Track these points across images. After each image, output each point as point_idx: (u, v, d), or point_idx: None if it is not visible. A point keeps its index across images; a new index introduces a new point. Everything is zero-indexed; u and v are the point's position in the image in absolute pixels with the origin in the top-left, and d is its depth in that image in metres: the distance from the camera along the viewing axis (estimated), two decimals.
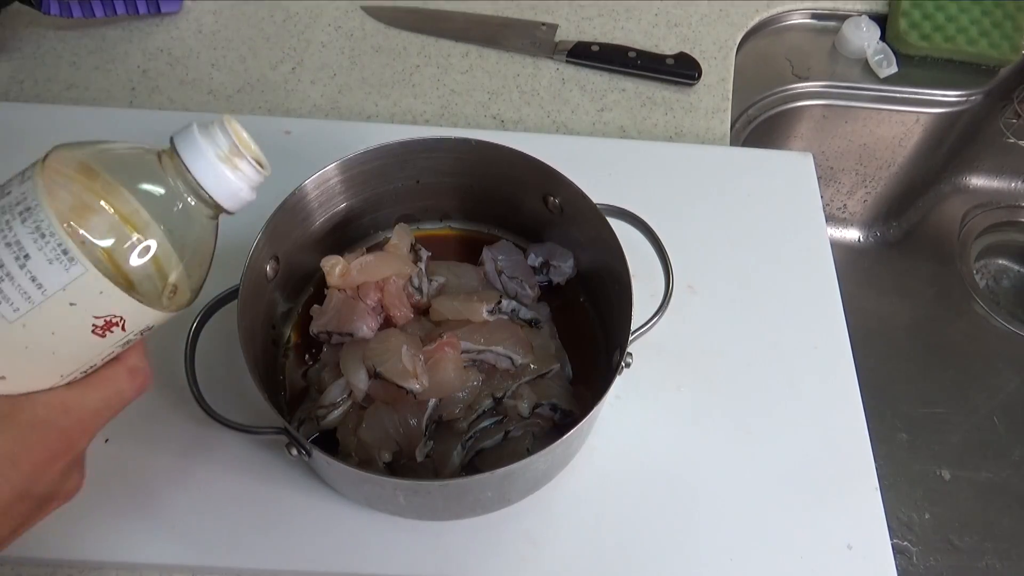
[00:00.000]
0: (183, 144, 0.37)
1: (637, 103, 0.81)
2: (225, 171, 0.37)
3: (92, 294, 0.34)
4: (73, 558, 0.53)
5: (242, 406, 0.57)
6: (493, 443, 0.54)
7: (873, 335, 0.95)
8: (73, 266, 0.33)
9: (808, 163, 0.75)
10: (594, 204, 0.55)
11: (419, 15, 0.86)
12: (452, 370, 0.52)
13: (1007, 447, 0.88)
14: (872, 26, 0.89)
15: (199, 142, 0.37)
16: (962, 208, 1.03)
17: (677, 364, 0.63)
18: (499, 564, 0.54)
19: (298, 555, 0.53)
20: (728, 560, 0.55)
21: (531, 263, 0.61)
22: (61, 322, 0.34)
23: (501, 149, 0.57)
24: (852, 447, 0.60)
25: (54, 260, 0.33)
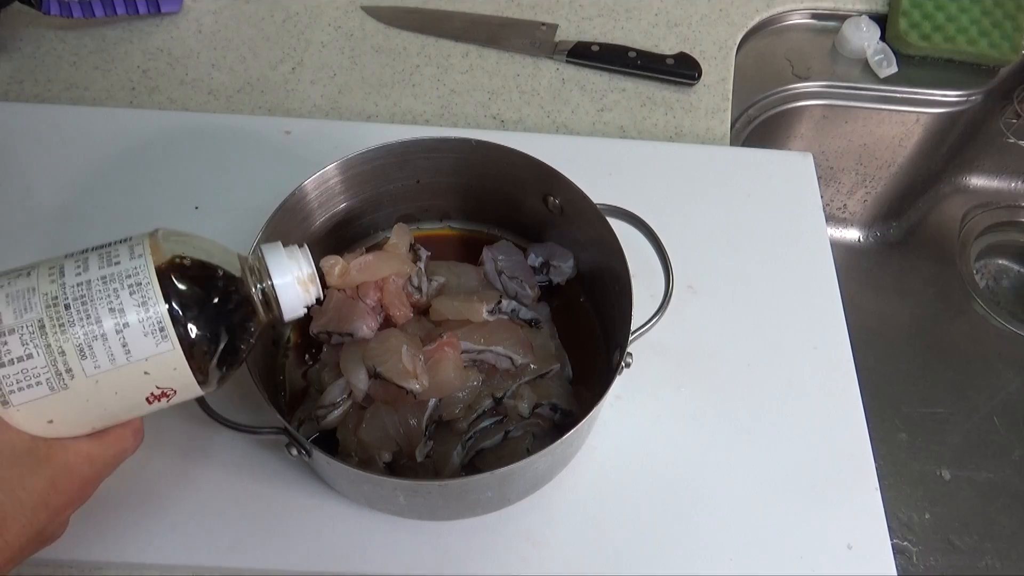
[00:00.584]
0: (272, 259, 0.43)
1: (637, 103, 0.81)
2: (300, 291, 0.43)
3: (167, 368, 0.38)
4: (73, 558, 0.53)
5: (242, 406, 0.57)
6: (493, 443, 0.54)
7: (873, 335, 0.95)
8: (163, 342, 0.38)
9: (808, 163, 0.75)
10: (594, 204, 0.55)
11: (419, 15, 0.86)
12: (452, 370, 0.52)
13: (1007, 447, 0.88)
14: (872, 26, 0.89)
15: (287, 262, 0.43)
16: (962, 208, 1.03)
17: (677, 364, 0.63)
18: (499, 564, 0.54)
19: (298, 555, 0.53)
20: (728, 560, 0.55)
21: (531, 263, 0.61)
22: (129, 386, 0.38)
23: (501, 149, 0.57)
24: (852, 447, 0.60)
25: (150, 333, 0.37)
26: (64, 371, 0.36)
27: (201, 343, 0.39)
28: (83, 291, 0.37)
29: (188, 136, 0.73)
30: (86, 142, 0.71)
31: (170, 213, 0.68)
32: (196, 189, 0.69)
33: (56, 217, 0.68)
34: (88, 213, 0.68)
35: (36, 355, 0.36)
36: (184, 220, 0.67)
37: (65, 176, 0.70)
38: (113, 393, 0.38)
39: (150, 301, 0.37)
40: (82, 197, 0.69)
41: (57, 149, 0.71)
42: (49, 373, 0.36)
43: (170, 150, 0.72)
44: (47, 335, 0.36)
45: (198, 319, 0.38)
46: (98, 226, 0.67)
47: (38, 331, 0.36)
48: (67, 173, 0.70)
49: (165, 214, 0.68)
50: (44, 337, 0.36)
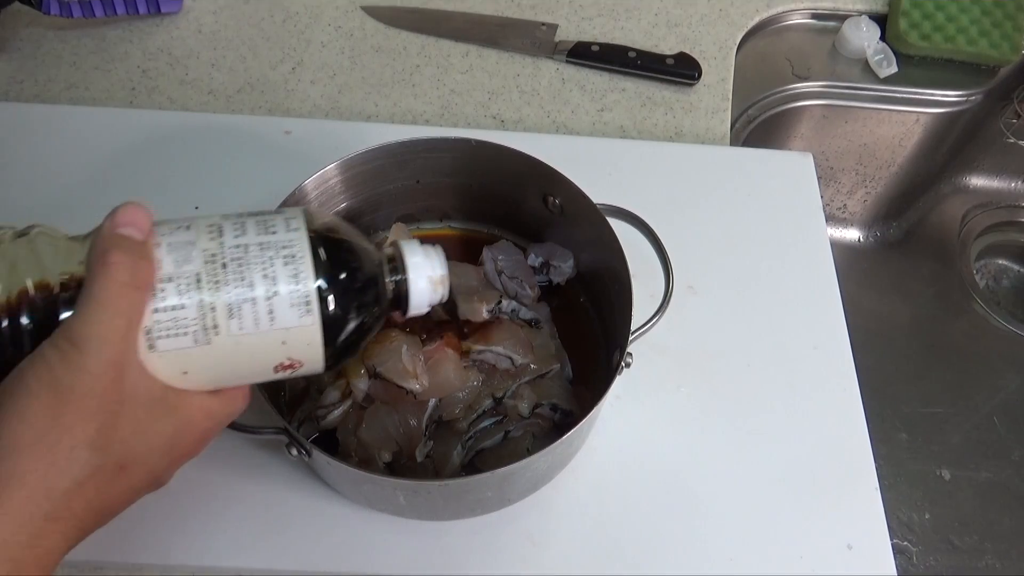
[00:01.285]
0: (410, 254, 0.44)
1: (637, 103, 0.81)
2: (429, 289, 0.44)
3: (302, 342, 0.39)
4: (73, 558, 0.53)
5: None
6: (493, 443, 0.54)
7: (873, 335, 0.95)
8: (307, 316, 0.38)
9: (808, 163, 0.75)
10: (594, 204, 0.55)
11: (419, 15, 0.86)
12: (452, 370, 0.52)
13: (1007, 447, 0.88)
14: (872, 26, 0.89)
15: (423, 260, 0.43)
16: (962, 208, 1.03)
17: (677, 364, 0.63)
18: (499, 564, 0.54)
19: (298, 555, 0.53)
20: (728, 560, 0.55)
21: (531, 263, 0.61)
22: (263, 352, 0.39)
23: (501, 149, 0.57)
24: (852, 447, 0.60)
25: (296, 306, 0.38)
26: (211, 327, 0.37)
27: (337, 323, 0.39)
28: (240, 253, 0.38)
29: (188, 136, 0.73)
30: (86, 142, 0.71)
31: (170, 213, 0.68)
32: (196, 189, 0.69)
33: (56, 217, 0.67)
34: (89, 213, 0.68)
35: (188, 307, 0.37)
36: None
37: (65, 176, 0.70)
38: (248, 356, 0.39)
39: (302, 275, 0.38)
40: (82, 197, 0.69)
41: (57, 149, 0.71)
42: (197, 326, 0.37)
43: (170, 150, 0.72)
44: (202, 290, 0.37)
45: (339, 299, 0.39)
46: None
47: (194, 284, 0.37)
48: (67, 173, 0.70)
49: (165, 214, 0.67)
50: (199, 291, 0.37)
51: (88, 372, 0.34)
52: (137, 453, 0.38)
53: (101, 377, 0.35)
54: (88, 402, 0.35)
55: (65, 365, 0.34)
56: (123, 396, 0.36)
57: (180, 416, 0.39)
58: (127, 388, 0.36)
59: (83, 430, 0.35)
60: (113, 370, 0.35)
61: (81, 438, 0.35)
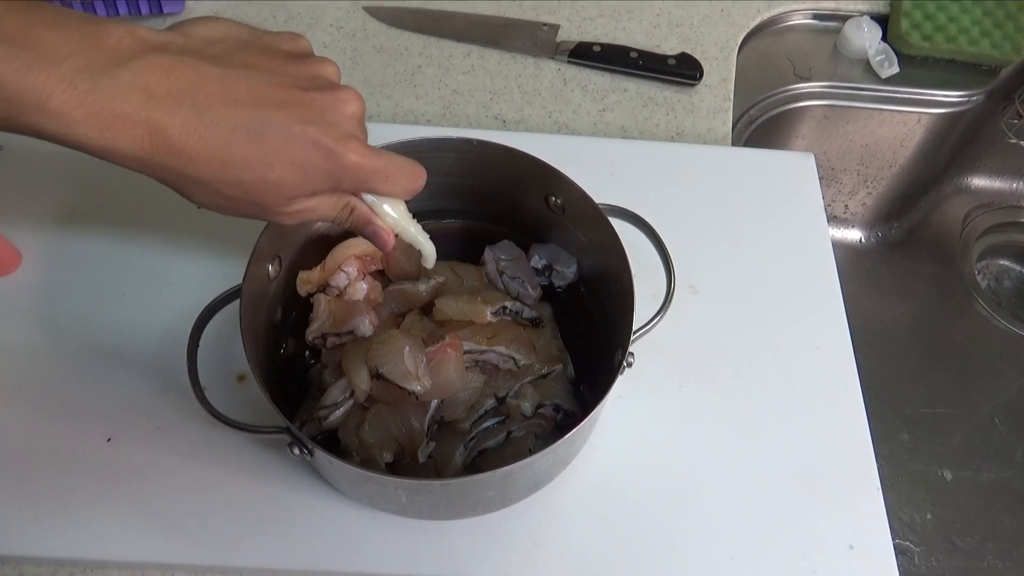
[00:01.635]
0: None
1: (639, 103, 0.82)
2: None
3: None
4: (75, 557, 0.53)
5: (244, 406, 0.57)
6: (495, 443, 0.54)
7: (875, 336, 0.95)
8: None
9: (810, 163, 0.75)
10: (596, 204, 0.55)
11: (421, 15, 0.86)
12: (454, 371, 0.53)
13: (1009, 447, 0.88)
14: (873, 26, 0.89)
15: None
16: (964, 208, 1.03)
17: (679, 364, 0.63)
18: (501, 564, 0.54)
19: (300, 554, 0.53)
20: (730, 559, 0.55)
21: (534, 264, 0.61)
22: None
23: (503, 149, 0.57)
24: (854, 447, 0.60)
25: None
26: None
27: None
28: None
29: None
30: None
31: (172, 213, 0.68)
32: None
33: (57, 217, 0.68)
34: (90, 213, 0.68)
35: None
36: (186, 220, 0.67)
37: (66, 176, 0.70)
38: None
39: None
40: (84, 197, 0.69)
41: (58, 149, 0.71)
42: None
43: None
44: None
45: None
46: (101, 226, 0.67)
47: None
48: (68, 173, 0.70)
49: (167, 213, 0.68)
50: None
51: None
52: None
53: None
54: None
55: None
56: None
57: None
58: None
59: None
60: None
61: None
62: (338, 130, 0.38)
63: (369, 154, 0.40)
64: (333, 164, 0.38)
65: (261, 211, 0.40)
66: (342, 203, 0.42)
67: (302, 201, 0.40)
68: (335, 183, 0.40)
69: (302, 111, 0.37)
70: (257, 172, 0.37)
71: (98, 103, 0.33)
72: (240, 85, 0.36)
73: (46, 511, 0.54)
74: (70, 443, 0.56)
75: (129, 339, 0.61)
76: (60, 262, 0.65)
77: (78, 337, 0.61)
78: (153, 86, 0.34)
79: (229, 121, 0.36)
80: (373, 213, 0.44)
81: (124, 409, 0.58)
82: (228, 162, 0.36)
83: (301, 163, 0.37)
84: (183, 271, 0.65)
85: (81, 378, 0.59)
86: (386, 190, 0.43)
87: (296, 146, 0.37)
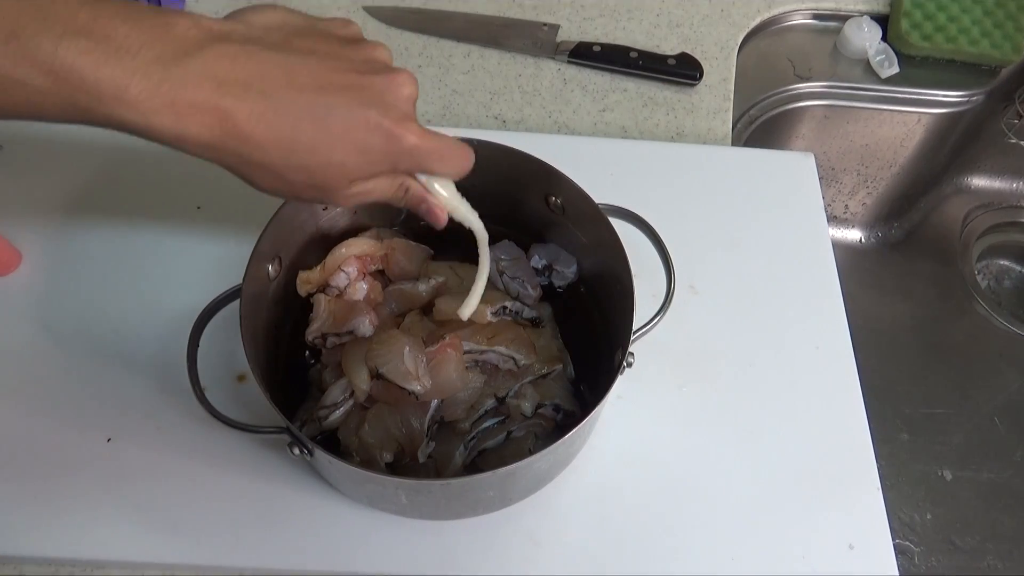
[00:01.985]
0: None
1: (639, 103, 0.82)
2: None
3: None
4: (75, 557, 0.53)
5: (244, 406, 0.57)
6: (495, 443, 0.54)
7: (875, 336, 0.95)
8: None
9: (810, 163, 0.75)
10: (596, 204, 0.55)
11: (421, 15, 0.86)
12: (454, 371, 0.53)
13: (1009, 447, 0.88)
14: (873, 26, 0.89)
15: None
16: (964, 208, 1.03)
17: (679, 364, 0.63)
18: (501, 563, 0.54)
19: (300, 554, 0.53)
20: (730, 559, 0.55)
21: (534, 264, 0.61)
22: None
23: (503, 149, 0.57)
24: (854, 447, 0.60)
25: None
26: None
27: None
28: None
29: None
30: (88, 142, 0.71)
31: (172, 213, 0.68)
32: (198, 189, 0.69)
33: (58, 217, 0.68)
34: (90, 213, 0.68)
35: None
36: (186, 220, 0.67)
37: (67, 176, 0.70)
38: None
39: None
40: (84, 197, 0.69)
41: (58, 149, 0.71)
42: None
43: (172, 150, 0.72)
44: None
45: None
46: (101, 226, 0.67)
47: None
48: (69, 173, 0.70)
49: (168, 214, 0.68)
50: None
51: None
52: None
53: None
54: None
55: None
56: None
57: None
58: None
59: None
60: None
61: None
62: (397, 112, 0.39)
63: (426, 135, 0.41)
64: (393, 146, 0.39)
65: (323, 194, 0.40)
66: (397, 183, 0.43)
67: (362, 183, 0.40)
68: (393, 164, 0.41)
69: (362, 94, 0.38)
70: (322, 155, 0.38)
71: (172, 92, 0.34)
72: (302, 71, 0.37)
73: (46, 511, 0.54)
74: (70, 443, 0.56)
75: (129, 339, 0.61)
76: (60, 262, 0.65)
77: (78, 337, 0.61)
78: (221, 75, 0.35)
79: (294, 106, 0.36)
80: (426, 191, 0.45)
81: (124, 409, 0.58)
82: (294, 146, 0.37)
83: (363, 145, 0.38)
84: (183, 271, 0.65)
85: (81, 378, 0.59)
86: (440, 170, 0.43)
87: (358, 129, 0.38)
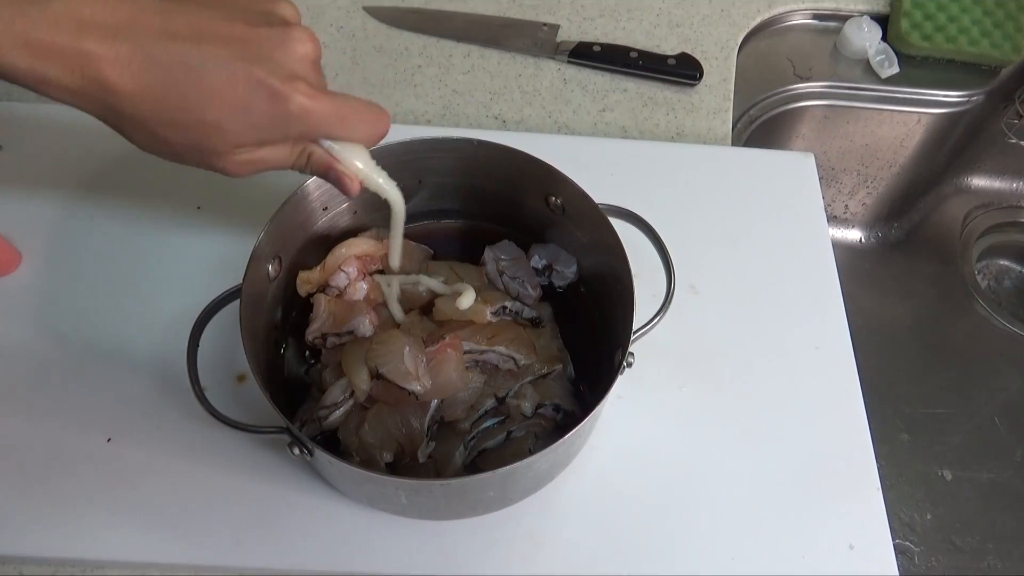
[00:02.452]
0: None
1: (639, 103, 0.81)
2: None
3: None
4: (75, 557, 0.53)
5: (244, 406, 0.57)
6: (495, 443, 0.54)
7: (875, 335, 0.95)
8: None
9: (810, 163, 0.75)
10: (596, 204, 0.55)
11: (421, 15, 0.86)
12: (454, 371, 0.53)
13: (1009, 447, 0.88)
14: (873, 26, 0.89)
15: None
16: (964, 208, 1.03)
17: (679, 364, 0.63)
18: (501, 563, 0.54)
19: (299, 554, 0.53)
20: (730, 559, 0.55)
21: (534, 264, 0.61)
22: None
23: (503, 149, 0.57)
24: (854, 447, 0.60)
25: None
26: None
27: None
28: None
29: None
30: (88, 142, 0.71)
31: (172, 213, 0.68)
32: (198, 189, 0.69)
33: (58, 217, 0.68)
34: (90, 213, 0.68)
35: None
36: (186, 220, 0.67)
37: (67, 176, 0.70)
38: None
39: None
40: (84, 197, 0.69)
41: (58, 149, 0.71)
42: None
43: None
44: None
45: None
46: (101, 226, 0.67)
47: None
48: (69, 173, 0.70)
49: (168, 214, 0.68)
50: None
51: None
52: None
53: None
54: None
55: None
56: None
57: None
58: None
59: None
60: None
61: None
62: (284, 70, 0.35)
63: (320, 96, 0.36)
64: (278, 107, 0.35)
65: (205, 158, 0.37)
66: (297, 150, 0.39)
67: (250, 151, 0.37)
68: (284, 131, 0.37)
69: (247, 47, 0.35)
70: (194, 113, 0.35)
71: (26, 32, 0.32)
72: (180, 18, 0.34)
73: (46, 511, 0.54)
74: (70, 443, 0.56)
75: (129, 339, 0.61)
76: (60, 262, 0.65)
77: (78, 337, 0.61)
78: (87, 17, 0.33)
79: (165, 55, 0.33)
80: (333, 158, 0.41)
81: (124, 409, 0.58)
82: (164, 101, 0.34)
83: (242, 105, 0.35)
84: (183, 271, 0.65)
85: (81, 378, 0.59)
86: (343, 135, 0.39)
87: (237, 85, 0.34)
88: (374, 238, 0.60)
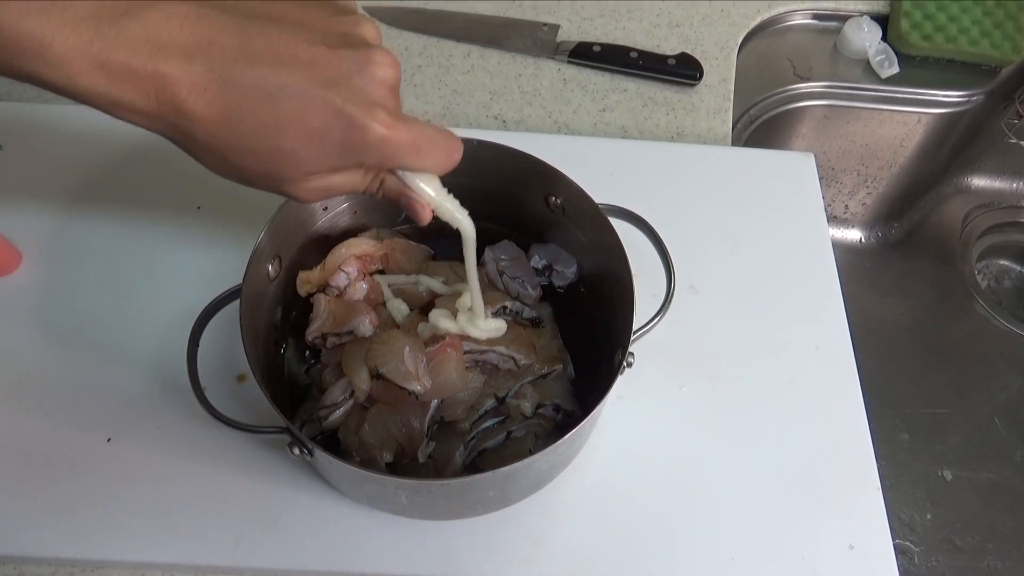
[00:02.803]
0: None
1: (639, 103, 0.81)
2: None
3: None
4: (75, 557, 0.53)
5: (244, 406, 0.57)
6: (495, 443, 0.54)
7: (875, 335, 0.95)
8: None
9: (810, 163, 0.75)
10: (596, 204, 0.55)
11: (421, 15, 0.86)
12: (454, 371, 0.52)
13: (1009, 447, 0.88)
14: (873, 26, 0.89)
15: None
16: (964, 208, 1.03)
17: (679, 364, 0.63)
18: (500, 564, 0.54)
19: (300, 554, 0.53)
20: (730, 560, 0.55)
21: (534, 264, 0.61)
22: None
23: (503, 149, 0.57)
24: (854, 447, 0.60)
25: None
26: None
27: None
28: None
29: None
30: (88, 142, 0.71)
31: (173, 213, 0.68)
32: (198, 189, 0.69)
33: (58, 217, 0.68)
34: (91, 213, 0.68)
35: None
36: (186, 220, 0.67)
37: (67, 176, 0.70)
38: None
39: None
40: (84, 197, 0.69)
41: (58, 149, 0.71)
42: None
43: (172, 150, 0.71)
44: None
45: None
46: (101, 226, 0.67)
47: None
48: (69, 173, 0.70)
49: (168, 214, 0.68)
50: None
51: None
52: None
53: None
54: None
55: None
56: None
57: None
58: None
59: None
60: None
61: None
62: (364, 97, 0.34)
63: (397, 126, 0.35)
64: (355, 137, 0.34)
65: (275, 184, 0.36)
66: (368, 178, 0.38)
67: (323, 177, 0.36)
68: (359, 159, 0.36)
69: (326, 71, 0.33)
70: (269, 140, 0.33)
71: (103, 53, 0.31)
72: (260, 40, 0.33)
73: (46, 511, 0.54)
74: (70, 443, 0.56)
75: (129, 339, 0.61)
76: (60, 262, 0.65)
77: (78, 337, 0.61)
78: (164, 38, 0.32)
79: (243, 80, 0.32)
80: (405, 186, 0.40)
81: (124, 409, 0.58)
82: (239, 127, 0.33)
83: (319, 133, 0.34)
84: (183, 271, 0.65)
85: (81, 378, 0.59)
86: (417, 165, 0.38)
87: (314, 113, 0.33)
88: (374, 238, 0.60)
